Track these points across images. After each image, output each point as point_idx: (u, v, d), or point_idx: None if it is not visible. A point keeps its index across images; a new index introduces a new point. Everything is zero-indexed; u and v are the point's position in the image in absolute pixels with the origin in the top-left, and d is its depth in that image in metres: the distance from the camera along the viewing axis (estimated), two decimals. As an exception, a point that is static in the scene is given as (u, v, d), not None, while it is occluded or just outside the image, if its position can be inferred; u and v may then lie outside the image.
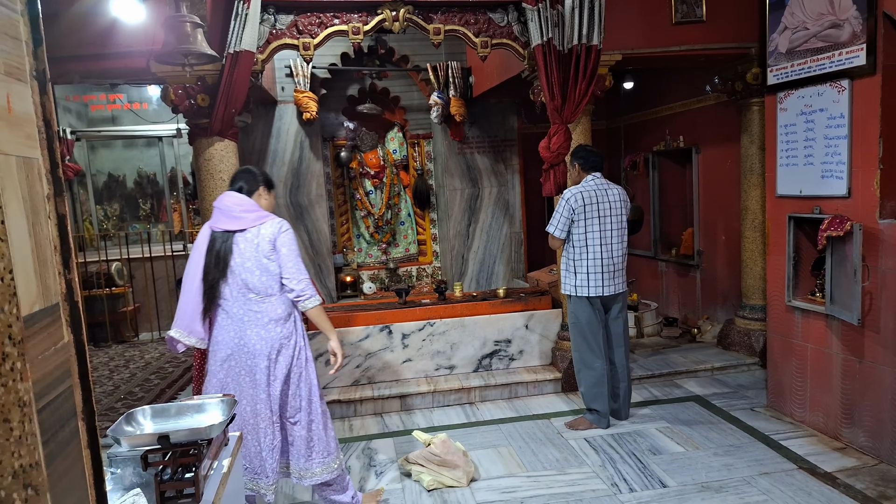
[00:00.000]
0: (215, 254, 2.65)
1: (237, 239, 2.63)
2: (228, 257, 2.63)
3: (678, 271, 6.20)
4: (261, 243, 2.61)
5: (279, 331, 2.65)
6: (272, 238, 2.62)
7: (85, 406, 0.82)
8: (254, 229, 2.64)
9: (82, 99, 7.67)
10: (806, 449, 3.36)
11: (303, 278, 2.66)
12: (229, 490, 2.13)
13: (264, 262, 2.61)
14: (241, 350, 2.65)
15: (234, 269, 2.63)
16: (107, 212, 7.93)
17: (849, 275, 3.19)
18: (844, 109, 3.18)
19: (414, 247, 7.02)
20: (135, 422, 2.10)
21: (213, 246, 2.66)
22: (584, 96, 4.05)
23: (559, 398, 4.39)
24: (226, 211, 2.67)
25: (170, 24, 3.54)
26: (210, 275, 2.64)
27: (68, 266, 0.85)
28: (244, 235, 2.63)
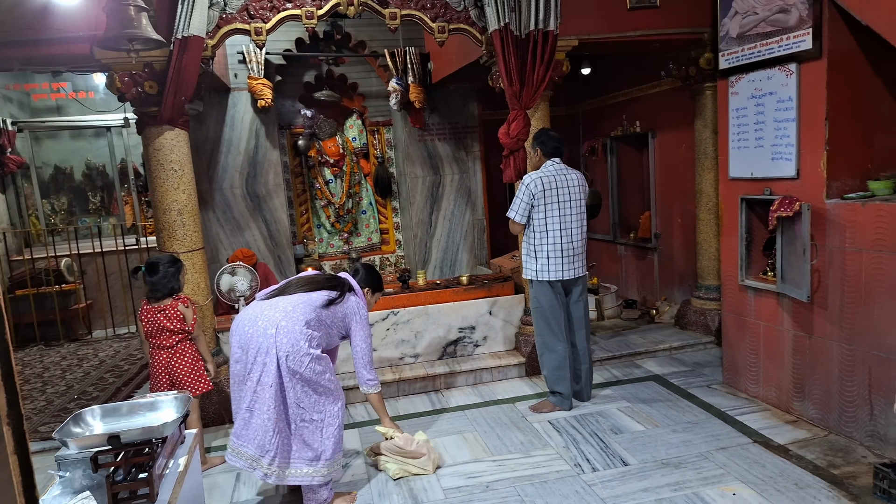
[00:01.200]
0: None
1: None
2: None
3: (636, 254, 6.32)
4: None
5: (300, 327, 2.76)
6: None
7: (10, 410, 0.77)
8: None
9: (23, 87, 7.31)
10: (760, 423, 3.48)
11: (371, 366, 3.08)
12: (186, 488, 2.08)
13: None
14: (261, 331, 2.74)
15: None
16: (54, 206, 7.62)
17: (798, 254, 3.30)
18: (793, 93, 3.27)
19: (376, 236, 6.96)
20: (83, 423, 2.02)
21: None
22: (542, 82, 4.06)
23: (523, 382, 4.43)
24: None
25: (112, 8, 3.39)
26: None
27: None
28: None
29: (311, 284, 2.95)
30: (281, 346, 2.67)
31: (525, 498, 2.89)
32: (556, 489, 2.95)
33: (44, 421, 4.28)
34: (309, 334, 2.75)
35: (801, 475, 2.90)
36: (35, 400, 4.76)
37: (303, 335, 2.72)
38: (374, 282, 3.25)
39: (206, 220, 5.91)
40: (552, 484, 3.00)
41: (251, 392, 2.72)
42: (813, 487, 2.80)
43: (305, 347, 2.70)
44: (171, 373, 3.26)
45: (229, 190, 6.02)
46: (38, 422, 4.27)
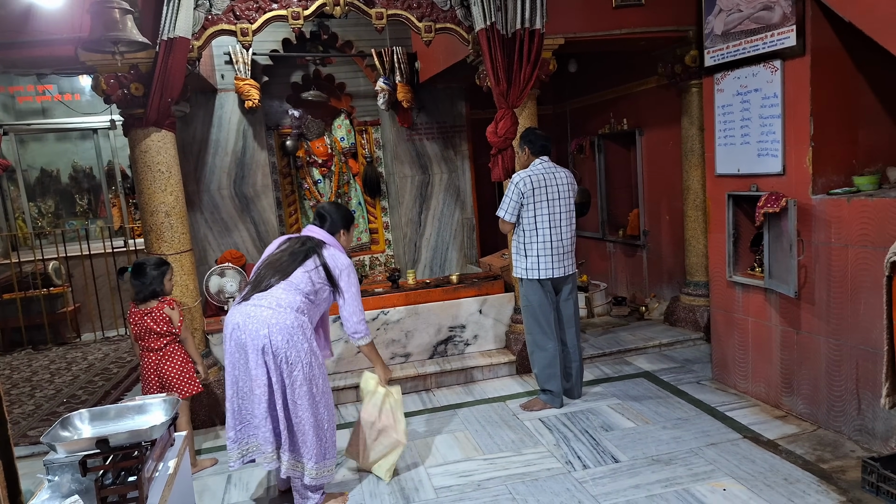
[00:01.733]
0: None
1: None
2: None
3: (625, 251, 6.35)
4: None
5: (291, 320, 2.71)
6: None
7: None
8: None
9: (8, 90, 7.23)
10: (749, 419, 3.51)
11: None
12: (176, 491, 2.06)
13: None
14: (250, 320, 2.71)
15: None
16: (41, 209, 7.54)
17: (785, 249, 3.33)
18: (777, 89, 3.30)
19: (366, 236, 6.94)
20: (71, 426, 2.01)
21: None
22: (529, 80, 4.07)
23: (514, 380, 4.44)
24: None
25: (96, 10, 3.36)
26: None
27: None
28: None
29: (283, 269, 2.80)
30: (277, 344, 2.65)
31: (517, 496, 2.90)
32: (548, 487, 2.96)
33: (32, 425, 4.24)
34: (301, 322, 2.72)
35: (790, 470, 2.93)
36: (23, 404, 4.71)
37: (296, 326, 2.69)
38: (344, 220, 3.04)
39: (194, 222, 5.88)
40: (543, 482, 3.01)
41: (254, 396, 2.70)
42: (802, 482, 2.82)
43: (301, 341, 2.69)
44: (160, 375, 3.24)
45: (217, 191, 5.98)
46: (27, 426, 4.23)
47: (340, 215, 3.03)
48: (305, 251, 2.85)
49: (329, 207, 3.04)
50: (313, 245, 2.88)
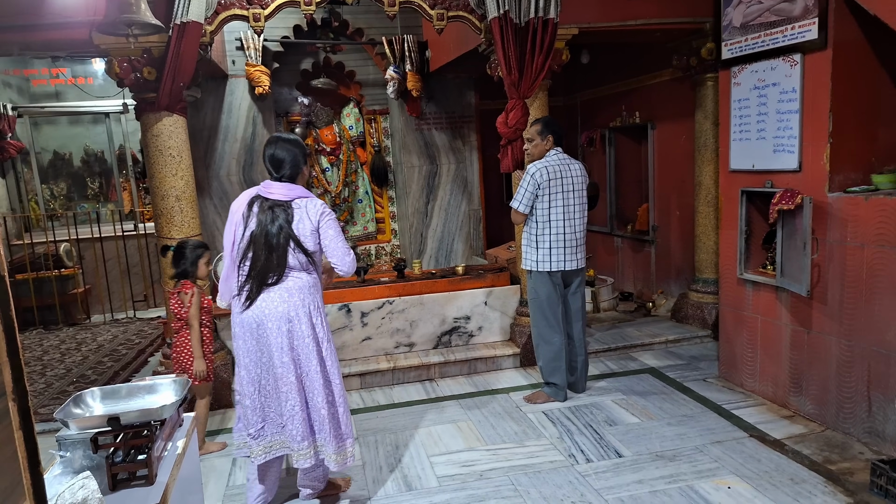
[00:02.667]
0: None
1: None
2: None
3: (633, 247, 6.32)
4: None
5: (308, 300, 2.63)
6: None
7: (16, 386, 0.76)
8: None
9: (23, 73, 7.26)
10: (756, 417, 3.49)
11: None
12: (184, 471, 2.08)
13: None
14: (275, 331, 2.60)
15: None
16: (53, 191, 7.59)
17: (798, 248, 3.30)
18: (796, 84, 3.26)
19: (372, 225, 6.94)
20: (83, 404, 2.03)
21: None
22: (541, 71, 4.04)
23: (518, 373, 4.44)
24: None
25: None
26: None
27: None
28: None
29: (279, 264, 2.59)
30: (300, 335, 2.60)
31: (519, 487, 2.90)
32: (550, 479, 2.96)
33: (43, 403, 4.29)
34: (315, 293, 2.66)
35: (796, 470, 2.91)
36: (35, 383, 4.76)
37: (313, 303, 2.64)
38: (301, 155, 2.67)
39: (202, 208, 5.89)
40: (546, 474, 3.01)
41: (280, 394, 2.62)
42: (808, 483, 2.80)
43: (320, 316, 2.67)
44: (176, 358, 3.29)
45: (226, 177, 5.99)
46: (38, 404, 4.28)
47: (294, 153, 2.65)
48: (281, 236, 2.57)
49: (280, 147, 2.64)
50: (283, 221, 2.57)
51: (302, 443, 2.63)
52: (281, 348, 2.59)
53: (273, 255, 2.58)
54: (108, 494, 1.78)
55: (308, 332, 2.61)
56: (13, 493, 0.73)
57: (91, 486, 1.57)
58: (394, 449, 3.36)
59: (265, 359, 2.63)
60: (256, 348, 2.62)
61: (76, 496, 1.52)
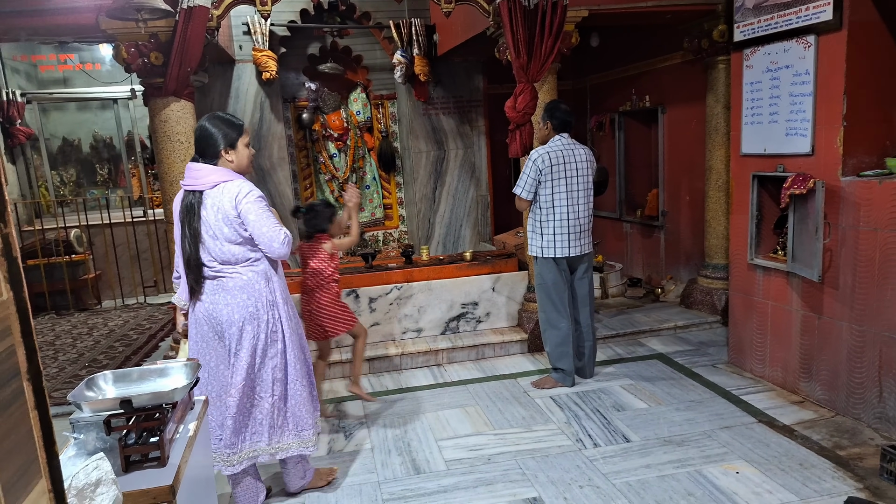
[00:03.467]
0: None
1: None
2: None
3: (643, 232, 6.29)
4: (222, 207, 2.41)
5: (245, 300, 2.48)
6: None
7: (30, 366, 0.77)
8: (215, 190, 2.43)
9: (30, 59, 7.26)
10: (765, 403, 3.48)
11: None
12: (196, 453, 2.10)
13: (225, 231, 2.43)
14: (211, 317, 2.50)
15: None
16: (63, 177, 7.62)
17: (810, 232, 3.27)
18: (810, 66, 3.21)
19: (380, 211, 6.94)
20: (96, 387, 2.05)
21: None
22: (550, 54, 3.99)
23: (525, 358, 4.45)
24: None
25: (117, -25, 3.34)
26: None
27: (4, 220, 0.78)
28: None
29: (194, 245, 2.43)
30: (258, 334, 2.50)
31: (526, 471, 2.92)
32: (558, 463, 2.97)
33: (56, 387, 4.35)
34: (264, 300, 2.50)
35: (805, 455, 2.91)
36: (47, 367, 4.82)
37: (263, 308, 2.49)
38: (225, 131, 2.43)
39: (212, 193, 5.90)
40: (553, 458, 3.03)
41: (242, 388, 2.51)
42: (818, 468, 2.80)
43: (271, 310, 2.51)
44: (316, 318, 3.45)
45: (235, 163, 5.98)
46: (51, 388, 4.33)
47: (217, 128, 2.42)
48: (193, 231, 2.41)
49: (203, 124, 2.44)
50: (195, 214, 2.40)
51: (267, 446, 2.56)
52: (229, 352, 2.49)
53: (194, 253, 2.43)
54: (122, 476, 1.80)
55: (253, 334, 2.47)
56: (29, 471, 0.74)
57: (105, 467, 1.60)
58: (402, 433, 3.39)
59: (212, 363, 2.52)
60: (206, 350, 2.52)
61: (90, 477, 1.54)
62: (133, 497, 1.73)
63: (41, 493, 0.76)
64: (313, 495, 2.83)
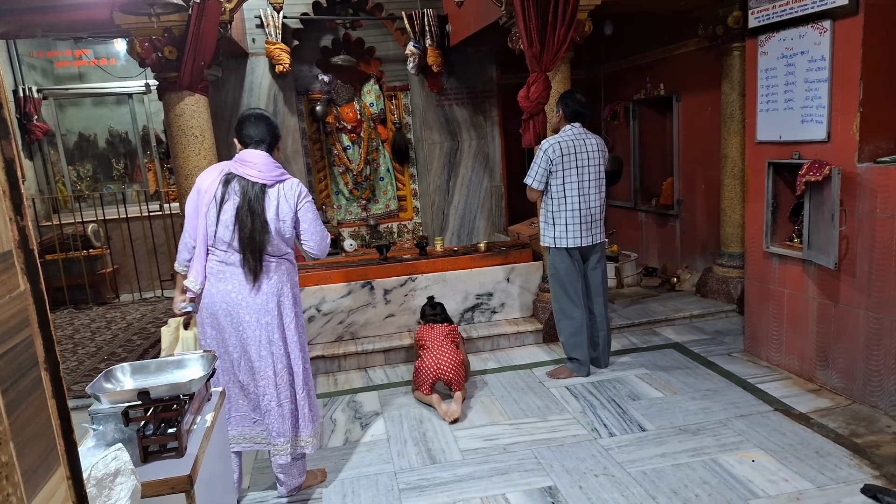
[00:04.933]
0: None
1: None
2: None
3: (658, 221, 6.24)
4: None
5: (279, 290, 2.57)
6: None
7: (48, 356, 0.79)
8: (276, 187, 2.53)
9: (46, 55, 7.36)
10: (781, 391, 3.46)
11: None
12: (213, 444, 2.14)
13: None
14: (239, 304, 2.54)
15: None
16: (79, 172, 7.73)
17: (826, 220, 3.22)
18: (826, 52, 3.15)
19: (394, 203, 6.95)
20: (114, 379, 2.09)
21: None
22: (563, 43, 3.96)
23: (540, 348, 4.45)
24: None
25: (130, -30, 3.36)
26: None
27: (20, 212, 0.80)
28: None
29: (254, 234, 2.47)
30: (280, 327, 2.58)
31: (542, 460, 2.93)
32: (573, 452, 2.98)
33: (76, 380, 4.43)
34: (293, 293, 2.62)
35: (822, 443, 2.89)
36: (67, 360, 4.91)
37: (290, 300, 2.59)
38: (277, 128, 2.58)
39: (226, 187, 5.95)
40: (569, 447, 3.03)
41: (259, 388, 2.59)
42: (834, 456, 2.78)
43: (292, 302, 2.61)
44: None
45: (249, 156, 6.03)
46: (71, 381, 4.42)
47: (273, 123, 2.57)
48: (258, 221, 2.47)
49: (259, 116, 2.54)
50: (259, 206, 2.47)
51: (278, 438, 2.59)
52: (259, 341, 2.53)
53: (255, 241, 2.47)
54: (140, 466, 1.84)
55: (285, 323, 2.57)
56: (48, 458, 0.76)
57: (123, 457, 1.63)
58: (418, 423, 3.41)
59: (237, 350, 2.56)
60: (230, 337, 2.56)
61: (109, 467, 1.57)
62: (152, 486, 1.77)
63: (60, 479, 0.78)
64: (330, 486, 2.86)
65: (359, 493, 2.78)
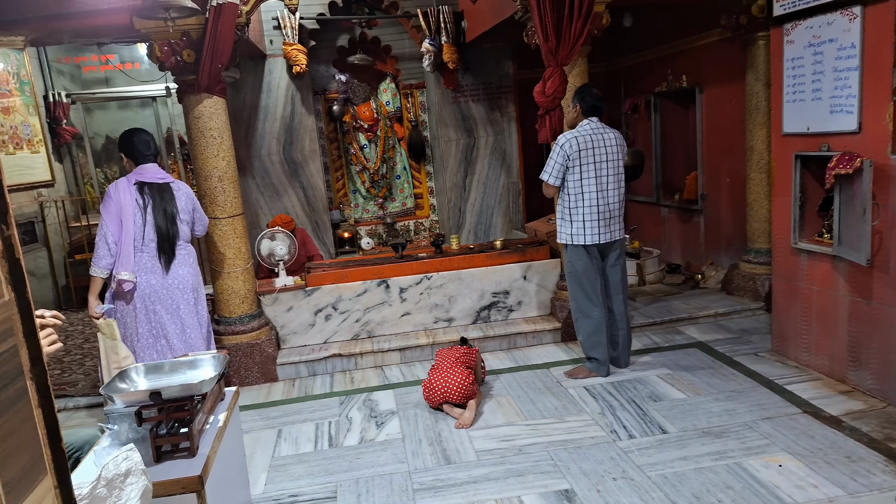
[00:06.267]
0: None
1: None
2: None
3: (681, 217, 6.11)
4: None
5: (196, 269, 3.48)
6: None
7: (34, 366, 0.78)
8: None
9: (74, 61, 7.50)
10: (810, 393, 3.35)
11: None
12: (226, 443, 2.14)
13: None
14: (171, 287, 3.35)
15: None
16: (107, 174, 7.86)
17: (857, 214, 3.11)
18: (856, 38, 3.03)
19: (411, 201, 6.94)
20: (128, 379, 2.10)
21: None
22: (579, 36, 3.88)
23: (558, 348, 4.39)
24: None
25: (146, -26, 3.39)
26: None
27: (6, 221, 0.79)
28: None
29: (171, 224, 3.32)
30: (199, 299, 3.51)
31: (558, 462, 2.88)
32: (591, 455, 2.92)
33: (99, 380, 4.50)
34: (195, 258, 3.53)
35: (853, 447, 2.78)
36: (95, 357, 4.99)
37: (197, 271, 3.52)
38: (155, 143, 3.46)
39: (246, 187, 6.00)
40: (587, 449, 2.97)
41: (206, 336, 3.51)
42: (866, 461, 2.67)
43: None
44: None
45: (267, 157, 6.07)
46: (95, 378, 4.49)
47: (154, 139, 3.44)
48: (170, 214, 3.32)
49: (144, 133, 3.39)
50: (170, 201, 3.33)
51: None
52: (184, 313, 3.34)
53: (170, 231, 3.30)
54: (153, 465, 1.85)
55: (203, 296, 3.49)
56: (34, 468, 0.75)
57: (134, 457, 1.63)
58: (433, 422, 3.39)
59: (167, 325, 3.30)
60: (161, 315, 3.31)
61: (120, 468, 1.57)
62: (164, 486, 1.77)
63: (47, 489, 0.77)
64: (344, 485, 2.86)
65: (373, 493, 2.77)
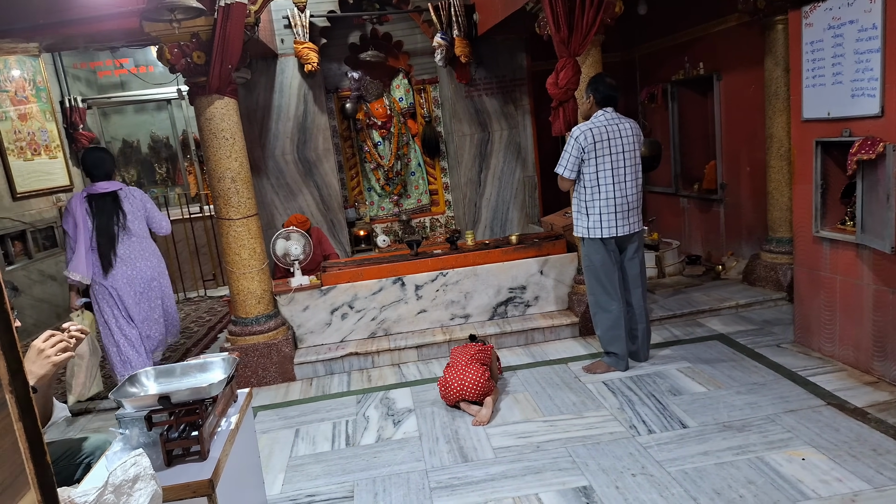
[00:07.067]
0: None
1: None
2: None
3: (701, 207, 6.00)
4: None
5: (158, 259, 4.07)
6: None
7: (13, 378, 0.76)
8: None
9: (89, 66, 7.59)
10: (835, 384, 3.26)
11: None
12: (239, 446, 2.13)
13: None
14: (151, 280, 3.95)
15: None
16: (125, 178, 7.96)
17: (881, 201, 3.00)
18: (877, 19, 2.92)
19: (426, 197, 6.91)
20: (139, 383, 2.11)
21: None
22: (592, 26, 3.81)
23: (576, 342, 4.33)
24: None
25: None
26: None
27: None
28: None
29: (119, 225, 3.87)
30: (164, 286, 4.13)
31: (577, 459, 2.84)
32: (610, 451, 2.87)
33: (120, 381, 4.56)
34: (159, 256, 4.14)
35: (880, 440, 2.70)
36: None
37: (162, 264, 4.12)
38: (111, 157, 4.04)
39: (261, 187, 6.03)
40: (605, 445, 2.93)
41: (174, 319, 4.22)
42: (893, 453, 2.59)
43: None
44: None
45: (281, 156, 6.09)
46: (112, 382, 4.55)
47: (107, 158, 3.96)
48: (120, 215, 3.86)
49: (97, 153, 3.94)
50: (118, 210, 3.86)
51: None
52: (154, 300, 3.97)
53: (113, 232, 3.81)
54: (164, 470, 1.85)
55: (167, 284, 4.06)
56: (15, 483, 0.74)
57: (143, 462, 1.63)
58: (450, 420, 3.36)
59: (145, 311, 3.95)
60: (142, 302, 3.93)
61: (128, 473, 1.57)
62: (174, 491, 1.77)
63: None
64: (361, 484, 2.85)
65: (390, 492, 2.76)
